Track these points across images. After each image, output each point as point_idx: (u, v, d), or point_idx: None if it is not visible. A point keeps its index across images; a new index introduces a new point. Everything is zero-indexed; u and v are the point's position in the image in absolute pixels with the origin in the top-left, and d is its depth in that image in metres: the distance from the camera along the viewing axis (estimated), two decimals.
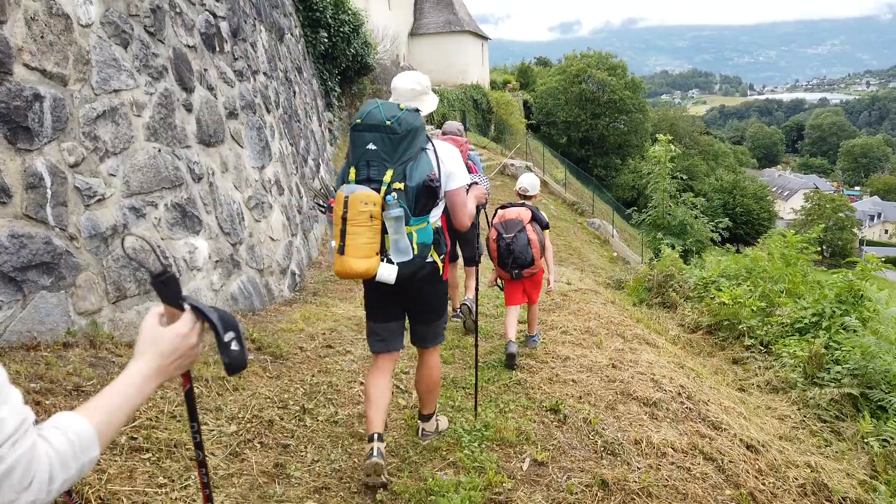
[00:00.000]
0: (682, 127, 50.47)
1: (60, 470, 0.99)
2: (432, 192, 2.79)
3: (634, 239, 25.13)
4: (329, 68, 14.04)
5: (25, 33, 3.42)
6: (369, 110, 2.77)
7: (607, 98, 38.62)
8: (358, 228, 2.65)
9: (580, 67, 39.62)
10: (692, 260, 12.32)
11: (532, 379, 4.35)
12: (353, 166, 2.77)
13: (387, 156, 2.71)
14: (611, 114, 39.30)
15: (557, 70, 43.35)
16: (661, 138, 16.80)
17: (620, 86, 38.89)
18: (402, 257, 2.74)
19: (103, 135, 3.92)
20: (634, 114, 39.68)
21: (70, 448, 1.01)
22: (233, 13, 6.13)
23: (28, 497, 0.93)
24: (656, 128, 41.81)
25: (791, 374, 5.58)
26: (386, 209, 2.67)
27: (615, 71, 40.12)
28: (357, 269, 2.69)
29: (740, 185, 40.98)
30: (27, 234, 3.33)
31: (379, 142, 2.71)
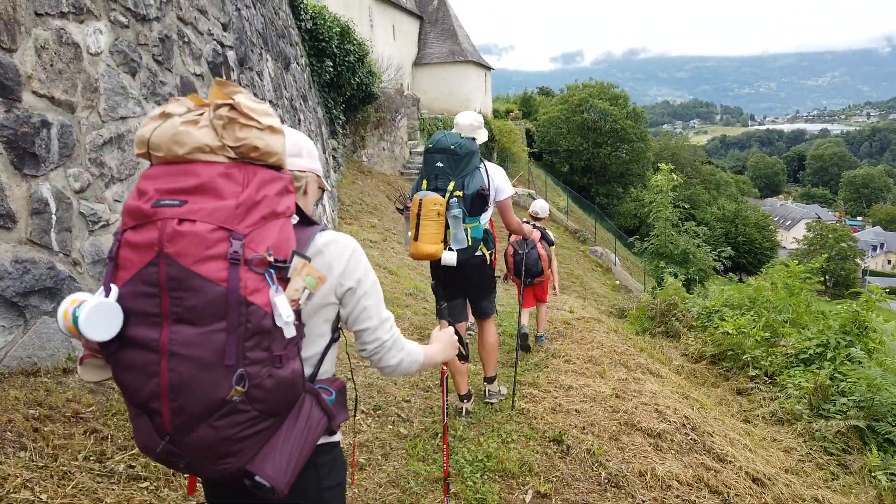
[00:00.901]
0: (683, 156, 50.75)
1: (406, 355, 1.62)
2: (483, 200, 3.72)
3: (637, 267, 25.10)
4: (334, 97, 14.19)
5: (35, 61, 3.47)
6: (438, 138, 3.74)
7: (609, 127, 38.92)
8: (428, 222, 3.53)
9: (582, 97, 40.00)
10: (695, 289, 12.29)
11: (535, 408, 4.31)
12: (426, 178, 3.71)
13: (450, 171, 3.65)
14: (612, 143, 39.57)
15: (559, 99, 43.76)
16: (663, 167, 16.87)
17: (622, 115, 39.21)
18: (459, 245, 3.65)
19: (109, 161, 3.95)
20: (636, 143, 39.94)
21: (412, 347, 1.66)
22: (240, 43, 6.22)
23: (399, 356, 1.59)
24: (658, 157, 42.06)
25: (796, 405, 5.52)
26: (449, 210, 3.57)
27: (617, 101, 40.49)
28: (427, 251, 3.58)
29: (742, 215, 41.07)
30: (31, 259, 3.33)
31: (445, 161, 3.66)
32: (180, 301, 1.22)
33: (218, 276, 1.22)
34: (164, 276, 1.22)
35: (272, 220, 1.31)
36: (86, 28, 3.86)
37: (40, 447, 2.60)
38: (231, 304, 1.21)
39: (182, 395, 1.23)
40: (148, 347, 1.24)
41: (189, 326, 1.22)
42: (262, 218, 1.29)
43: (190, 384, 1.22)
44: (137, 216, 1.27)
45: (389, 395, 4.52)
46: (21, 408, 2.80)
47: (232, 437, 1.27)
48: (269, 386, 1.26)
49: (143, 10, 4.42)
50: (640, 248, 17.59)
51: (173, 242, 1.22)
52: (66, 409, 2.95)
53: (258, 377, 1.25)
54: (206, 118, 1.32)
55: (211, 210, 1.24)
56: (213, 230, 1.23)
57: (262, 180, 1.31)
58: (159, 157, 1.32)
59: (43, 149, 3.45)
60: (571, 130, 39.28)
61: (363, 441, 3.69)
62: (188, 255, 1.21)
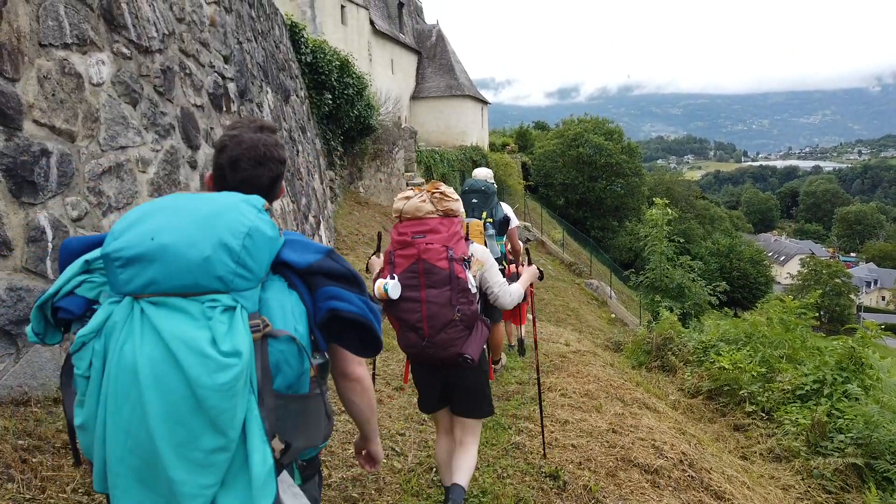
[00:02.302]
0: (678, 191, 51.13)
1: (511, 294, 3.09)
2: (506, 223, 5.48)
3: (632, 301, 25.10)
4: (332, 129, 14.32)
5: (37, 91, 3.50)
6: (471, 183, 5.34)
7: (604, 161, 39.27)
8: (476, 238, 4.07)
9: (577, 132, 40.44)
10: (691, 323, 12.27)
11: (531, 443, 4.26)
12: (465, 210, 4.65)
13: (482, 205, 5.22)
14: (607, 177, 39.88)
15: (555, 134, 44.23)
16: (658, 201, 16.99)
17: (617, 150, 39.61)
18: (496, 254, 5.05)
19: (108, 190, 3.96)
20: (631, 177, 40.27)
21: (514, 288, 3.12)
22: (241, 75, 6.30)
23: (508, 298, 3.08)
24: (653, 191, 42.38)
25: (794, 442, 5.48)
26: (486, 230, 4.84)
27: (612, 136, 40.94)
28: None
29: (737, 249, 41.20)
30: (25, 287, 3.31)
31: (478, 198, 5.23)
32: (429, 278, 2.76)
33: (444, 266, 2.76)
34: (421, 268, 2.77)
35: (459, 241, 2.87)
36: (88, 59, 3.91)
37: (28, 479, 2.56)
38: (450, 278, 2.76)
39: (433, 319, 2.77)
40: (414, 300, 2.78)
41: (434, 289, 2.76)
42: (457, 240, 2.84)
43: (436, 314, 2.77)
44: (404, 245, 2.82)
45: (384, 427, 4.47)
46: (10, 438, 2.75)
47: (454, 338, 2.79)
48: (468, 314, 2.80)
49: (146, 43, 4.48)
50: (636, 282, 17.61)
51: (425, 254, 2.77)
52: (56, 440, 2.90)
53: (464, 310, 2.78)
54: (426, 198, 2.88)
55: (438, 239, 2.79)
56: (440, 248, 2.78)
57: (453, 223, 2.87)
58: (407, 217, 2.88)
59: (42, 177, 3.46)
60: (567, 164, 39.61)
61: (356, 475, 3.64)
62: (432, 259, 2.76)
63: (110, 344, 1.27)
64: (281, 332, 1.37)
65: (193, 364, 1.22)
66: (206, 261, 1.28)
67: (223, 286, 1.30)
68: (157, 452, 1.22)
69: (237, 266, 1.31)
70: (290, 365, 1.39)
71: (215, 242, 1.30)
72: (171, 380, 1.22)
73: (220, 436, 1.25)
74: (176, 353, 1.22)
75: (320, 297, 1.47)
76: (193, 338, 1.23)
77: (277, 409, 1.35)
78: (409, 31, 35.08)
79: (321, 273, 1.47)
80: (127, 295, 1.29)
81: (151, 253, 1.28)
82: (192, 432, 1.23)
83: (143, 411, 1.22)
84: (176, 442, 1.23)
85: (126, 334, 1.26)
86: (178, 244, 1.29)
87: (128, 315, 1.27)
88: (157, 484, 1.25)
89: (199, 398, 1.22)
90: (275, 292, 1.42)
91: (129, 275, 1.29)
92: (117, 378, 1.24)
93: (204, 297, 1.28)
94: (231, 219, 1.34)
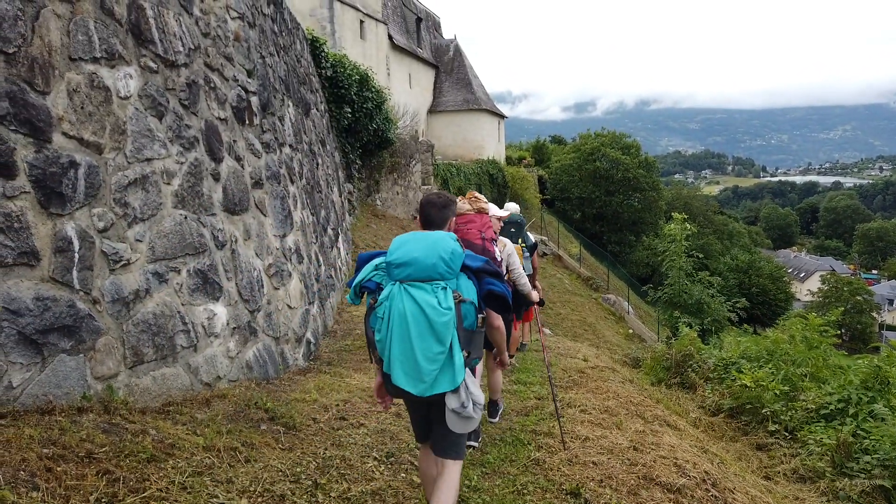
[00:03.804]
0: (695, 206, 50.81)
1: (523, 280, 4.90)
2: (534, 247, 6.83)
3: (650, 316, 24.88)
4: (351, 142, 14.41)
5: (67, 104, 3.56)
6: (510, 216, 6.24)
7: (621, 176, 39.16)
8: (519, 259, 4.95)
9: (594, 146, 40.40)
10: (710, 340, 12.14)
11: (551, 459, 4.22)
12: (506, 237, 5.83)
13: (518, 233, 6.67)
14: (624, 191, 39.76)
15: (572, 148, 44.21)
16: (677, 216, 16.90)
17: (634, 164, 39.50)
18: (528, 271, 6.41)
19: (133, 201, 4.01)
20: (648, 192, 40.11)
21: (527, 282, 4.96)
22: (263, 88, 6.37)
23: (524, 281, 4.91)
24: (670, 206, 42.13)
25: (818, 462, 5.37)
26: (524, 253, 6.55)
27: (629, 150, 40.85)
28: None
29: (756, 265, 40.78)
30: (52, 296, 3.35)
31: (515, 227, 6.69)
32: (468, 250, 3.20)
33: (479, 242, 4.13)
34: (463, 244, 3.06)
35: (489, 228, 4.24)
36: (117, 73, 3.98)
37: (52, 487, 2.57)
38: (484, 250, 4.08)
39: None
40: None
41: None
42: (487, 227, 4.23)
43: None
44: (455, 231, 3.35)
45: (402, 441, 4.45)
46: (35, 447, 2.77)
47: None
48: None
49: (172, 57, 4.55)
50: (654, 297, 17.48)
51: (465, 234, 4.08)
52: (80, 450, 2.92)
53: None
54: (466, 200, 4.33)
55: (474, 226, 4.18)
56: (476, 231, 4.17)
57: (483, 217, 4.27)
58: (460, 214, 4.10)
59: (70, 188, 3.51)
60: (583, 178, 39.56)
61: (375, 489, 3.62)
62: (470, 237, 4.11)
63: (391, 303, 2.71)
64: (467, 299, 2.79)
65: (430, 312, 2.66)
66: (433, 265, 2.74)
67: (441, 277, 2.74)
68: (413, 351, 2.66)
69: (447, 268, 2.76)
70: (469, 315, 2.80)
71: (437, 256, 2.75)
72: (420, 319, 2.66)
73: (440, 345, 2.67)
74: (422, 307, 2.67)
75: (483, 283, 2.90)
76: (429, 300, 2.68)
77: (464, 336, 2.77)
78: (426, 46, 35.34)
79: (483, 272, 2.91)
80: (397, 281, 2.75)
81: (409, 261, 2.75)
82: (428, 343, 2.66)
83: (407, 333, 2.66)
84: (421, 347, 2.66)
85: (398, 299, 2.70)
86: (421, 257, 2.74)
87: (398, 290, 2.72)
88: (412, 367, 2.68)
89: (433, 327, 2.66)
90: (463, 280, 2.85)
91: (398, 272, 2.76)
92: (395, 318, 2.69)
93: (433, 283, 2.73)
94: (443, 244, 2.80)
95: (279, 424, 4.29)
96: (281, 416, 4.39)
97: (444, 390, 2.70)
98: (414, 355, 2.65)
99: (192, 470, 3.18)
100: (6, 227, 3.14)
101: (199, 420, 3.94)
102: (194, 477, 3.14)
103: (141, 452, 3.13)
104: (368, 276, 2.87)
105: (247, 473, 3.41)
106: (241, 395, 4.60)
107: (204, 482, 3.13)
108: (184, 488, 2.99)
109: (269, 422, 4.30)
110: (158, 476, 3.01)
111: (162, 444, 3.34)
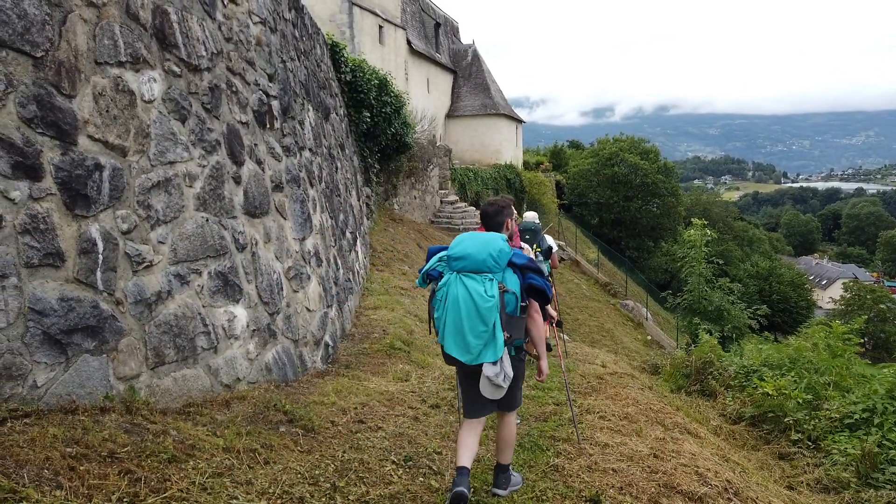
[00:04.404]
0: (715, 212, 50.34)
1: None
2: (550, 251, 6.99)
3: (668, 323, 24.65)
4: (370, 146, 14.47)
5: (92, 107, 3.61)
6: (524, 224, 6.89)
7: (640, 181, 38.90)
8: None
9: (613, 151, 40.18)
10: (731, 347, 11.99)
11: (570, 466, 4.18)
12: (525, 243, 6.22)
13: (532, 239, 6.74)
14: (643, 196, 39.47)
15: (590, 153, 44.01)
16: (696, 222, 16.75)
17: (653, 170, 39.22)
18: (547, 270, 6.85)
19: (156, 204, 4.05)
20: (667, 197, 39.79)
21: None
22: (284, 93, 6.41)
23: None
24: (689, 212, 41.80)
25: (843, 472, 5.27)
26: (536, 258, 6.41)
27: (648, 155, 40.57)
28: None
29: (777, 272, 40.22)
30: (76, 297, 3.39)
31: (529, 234, 6.76)
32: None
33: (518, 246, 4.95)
34: None
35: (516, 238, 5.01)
36: (141, 77, 4.03)
37: (75, 486, 2.59)
38: None
39: None
40: None
41: None
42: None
43: None
44: None
45: (420, 445, 4.44)
46: (59, 446, 2.80)
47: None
48: None
49: (196, 61, 4.59)
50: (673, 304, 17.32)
51: None
52: (102, 449, 2.94)
53: None
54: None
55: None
56: None
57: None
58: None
59: (94, 190, 3.55)
60: (602, 183, 39.35)
61: (393, 492, 3.61)
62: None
63: (448, 288, 3.37)
64: (510, 290, 3.36)
65: (477, 298, 3.26)
66: (483, 260, 3.35)
67: (489, 270, 3.34)
68: (463, 329, 3.28)
69: (495, 263, 3.36)
70: (511, 303, 3.38)
71: (486, 253, 3.37)
72: (469, 303, 3.27)
73: (485, 325, 3.26)
74: (472, 293, 3.28)
75: (526, 278, 3.46)
76: (477, 288, 3.28)
77: (506, 320, 3.33)
78: (445, 51, 35.41)
79: (527, 268, 3.47)
80: (454, 271, 3.39)
81: (464, 255, 3.39)
82: (475, 323, 3.26)
83: (459, 313, 3.29)
84: (470, 326, 3.26)
85: (453, 285, 3.35)
86: (473, 253, 3.38)
87: (454, 278, 3.37)
88: (461, 341, 3.29)
89: (479, 310, 3.25)
90: (509, 274, 3.43)
91: (456, 263, 3.40)
92: (450, 301, 3.34)
93: (482, 274, 3.33)
94: (493, 244, 3.42)
95: (298, 427, 4.30)
96: (300, 419, 4.40)
97: (486, 361, 3.30)
98: (463, 331, 3.29)
99: (212, 471, 3.20)
100: (32, 229, 3.19)
101: (219, 421, 3.96)
102: (214, 478, 3.15)
103: (162, 453, 3.15)
104: (433, 266, 3.54)
105: (266, 475, 3.42)
106: (261, 397, 4.62)
107: (224, 483, 3.14)
108: (204, 489, 3.01)
109: (288, 424, 4.31)
110: (179, 476, 3.02)
111: (183, 445, 3.36)
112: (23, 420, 2.94)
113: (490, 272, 3.33)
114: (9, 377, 3.03)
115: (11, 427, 2.85)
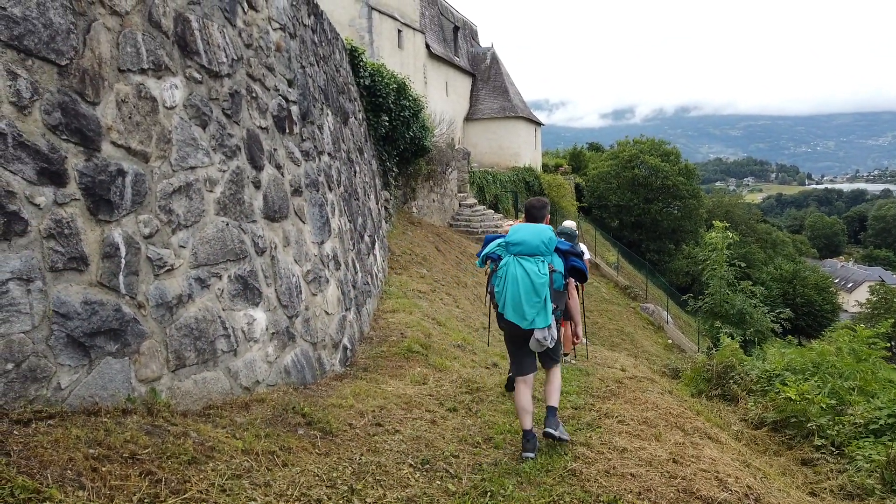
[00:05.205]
0: (737, 214, 49.76)
1: None
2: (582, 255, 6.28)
3: (689, 326, 24.41)
4: (388, 150, 14.54)
5: (115, 114, 3.68)
6: (561, 228, 7.16)
7: (660, 183, 38.61)
8: None
9: (633, 153, 39.94)
10: (753, 351, 11.84)
11: (588, 470, 4.16)
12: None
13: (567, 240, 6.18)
14: (664, 199, 39.18)
15: (610, 155, 43.79)
16: (718, 224, 16.58)
17: (674, 172, 38.91)
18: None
19: (177, 208, 4.11)
20: (688, 199, 39.45)
21: None
22: (303, 98, 6.47)
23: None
24: (711, 214, 41.35)
25: (867, 479, 5.18)
26: None
27: (668, 157, 40.27)
28: None
29: (801, 275, 39.67)
30: (99, 301, 3.46)
31: (565, 237, 6.51)
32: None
33: None
34: None
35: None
36: (163, 83, 4.09)
37: (98, 487, 2.64)
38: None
39: None
40: None
41: None
42: None
43: None
44: None
45: (437, 448, 4.45)
46: (81, 447, 2.85)
47: None
48: None
49: (216, 67, 4.66)
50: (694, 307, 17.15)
51: None
52: (124, 450, 2.99)
53: None
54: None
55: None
56: None
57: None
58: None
59: (117, 196, 3.62)
60: (622, 186, 39.12)
61: (411, 496, 3.62)
62: None
63: (507, 269, 4.41)
64: (557, 270, 4.47)
65: (533, 276, 4.30)
66: (537, 246, 4.40)
67: (541, 254, 4.38)
68: (520, 301, 4.31)
69: (545, 248, 4.40)
70: (557, 280, 4.50)
71: (539, 240, 4.41)
72: (526, 279, 4.30)
73: (538, 297, 4.29)
74: (528, 272, 4.31)
75: (568, 260, 4.57)
76: (532, 268, 4.32)
77: (554, 294, 4.45)
78: (463, 55, 35.47)
79: (570, 253, 4.58)
80: (512, 255, 4.43)
81: (521, 241, 4.44)
82: (530, 295, 4.29)
83: (517, 289, 4.32)
84: (526, 298, 4.29)
85: (512, 266, 4.38)
86: (529, 239, 4.43)
87: (512, 260, 4.40)
88: (519, 309, 4.31)
89: (535, 285, 4.29)
90: (555, 257, 4.49)
91: (514, 248, 4.45)
92: (509, 278, 4.37)
93: (535, 257, 4.37)
94: (544, 233, 4.47)
95: (316, 429, 4.33)
96: (318, 422, 4.43)
97: (539, 326, 4.28)
98: (521, 302, 4.27)
99: (231, 473, 3.24)
100: (57, 233, 3.25)
101: (239, 424, 4.00)
102: (233, 480, 3.19)
103: (182, 454, 3.19)
104: (493, 250, 4.60)
105: (284, 477, 3.45)
106: (279, 400, 4.66)
107: (242, 485, 3.17)
108: (223, 491, 3.04)
109: (307, 426, 4.34)
110: (199, 478, 3.06)
111: (202, 447, 3.41)
112: (47, 421, 3.00)
113: (542, 255, 4.38)
114: (34, 379, 3.10)
115: (36, 428, 2.91)
